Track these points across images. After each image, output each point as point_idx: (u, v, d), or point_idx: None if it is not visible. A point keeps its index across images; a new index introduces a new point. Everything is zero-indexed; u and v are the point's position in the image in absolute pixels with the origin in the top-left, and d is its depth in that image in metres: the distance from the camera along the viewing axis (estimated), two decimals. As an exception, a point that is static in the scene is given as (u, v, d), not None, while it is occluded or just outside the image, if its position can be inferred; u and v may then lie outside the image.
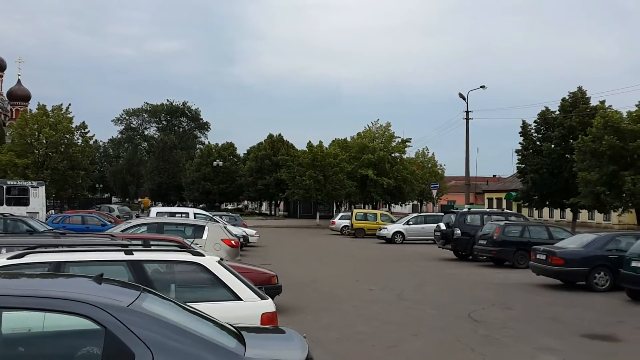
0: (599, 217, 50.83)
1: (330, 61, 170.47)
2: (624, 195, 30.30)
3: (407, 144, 55.81)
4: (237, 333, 4.15)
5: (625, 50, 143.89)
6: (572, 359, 8.44)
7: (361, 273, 18.73)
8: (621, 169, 30.41)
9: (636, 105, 31.99)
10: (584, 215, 48.15)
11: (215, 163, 64.58)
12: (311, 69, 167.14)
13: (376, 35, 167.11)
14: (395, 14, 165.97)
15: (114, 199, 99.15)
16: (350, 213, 41.11)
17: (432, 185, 53.08)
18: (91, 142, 55.60)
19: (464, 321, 11.01)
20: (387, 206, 60.30)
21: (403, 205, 63.76)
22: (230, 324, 4.33)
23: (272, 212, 72.26)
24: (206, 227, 14.77)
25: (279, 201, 69.88)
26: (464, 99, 42.53)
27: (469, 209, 29.70)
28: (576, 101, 39.29)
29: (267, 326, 5.63)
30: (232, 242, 15.11)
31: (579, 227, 39.31)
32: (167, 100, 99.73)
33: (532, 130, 41.14)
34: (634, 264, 13.59)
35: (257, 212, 78.43)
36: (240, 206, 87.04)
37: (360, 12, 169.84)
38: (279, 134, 66.52)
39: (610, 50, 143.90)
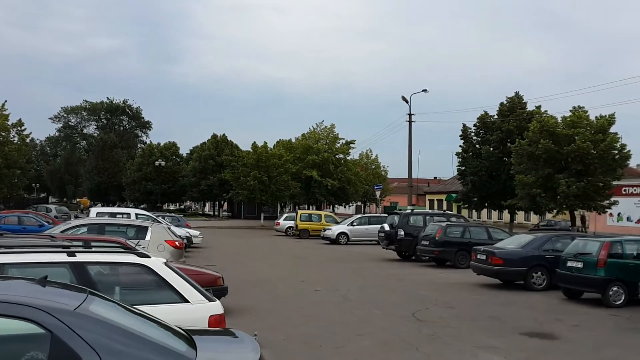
0: (534, 218, 52.61)
1: (274, 62, 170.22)
2: (559, 197, 31.38)
3: (351, 145, 56.27)
4: (187, 336, 4.08)
5: (558, 57, 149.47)
6: (511, 356, 8.68)
7: (306, 274, 18.76)
8: (556, 171, 31.50)
9: (570, 111, 33.21)
10: (520, 216, 49.69)
11: (157, 163, 63.36)
12: (255, 69, 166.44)
13: (318, 37, 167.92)
14: (336, 17, 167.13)
15: (51, 198, 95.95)
16: (294, 214, 41.12)
17: (375, 187, 53.67)
18: (28, 140, 53.47)
19: (409, 321, 11.19)
20: (331, 207, 60.63)
21: (347, 206, 64.24)
22: (179, 327, 4.25)
23: (216, 213, 71.48)
24: (149, 228, 14.48)
25: (222, 202, 69.20)
26: (406, 102, 43.21)
27: (412, 210, 30.21)
28: (514, 106, 40.55)
29: (218, 329, 5.55)
30: (176, 243, 14.86)
31: (515, 228, 40.55)
32: (107, 99, 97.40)
33: (472, 134, 42.18)
34: (569, 263, 14.13)
35: (201, 212, 77.42)
36: (182, 207, 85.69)
37: (300, 14, 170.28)
38: (223, 134, 65.88)
39: (545, 57, 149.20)
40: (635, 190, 42.16)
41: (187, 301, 6.08)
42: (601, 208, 32.82)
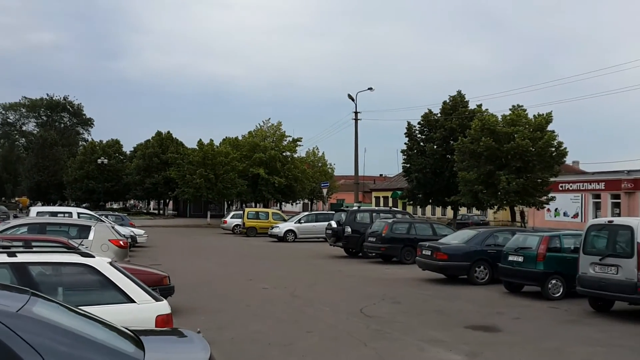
0: (476, 214, 53.94)
1: (218, 58, 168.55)
2: (499, 193, 32.29)
3: (298, 143, 56.33)
4: (135, 337, 4.00)
5: (498, 57, 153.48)
6: (457, 349, 8.89)
7: (254, 272, 18.68)
8: (497, 168, 32.39)
9: (510, 109, 34.19)
10: (463, 212, 50.83)
11: (99, 161, 61.85)
12: (198, 65, 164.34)
13: (264, 34, 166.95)
14: (281, 14, 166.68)
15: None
16: (241, 212, 40.89)
17: (322, 184, 53.87)
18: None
19: (356, 317, 11.30)
20: (279, 205, 60.53)
21: (294, 204, 64.27)
22: (126, 328, 4.17)
23: (161, 212, 70.30)
24: (92, 228, 14.13)
25: (168, 200, 68.10)
26: (352, 100, 43.59)
27: (359, 207, 30.46)
28: (456, 104, 41.47)
29: (166, 329, 5.48)
30: (121, 242, 14.56)
31: (459, 223, 41.49)
32: (47, 95, 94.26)
33: (417, 132, 42.92)
34: (510, 258, 14.56)
35: (145, 211, 75.99)
36: (126, 205, 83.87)
37: (245, 10, 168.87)
38: (168, 132, 64.86)
39: (485, 57, 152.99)
40: (571, 186, 43.82)
41: (133, 301, 5.98)
42: (539, 204, 33.94)
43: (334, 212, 31.56)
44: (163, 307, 6.09)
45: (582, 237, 12.57)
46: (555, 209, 43.37)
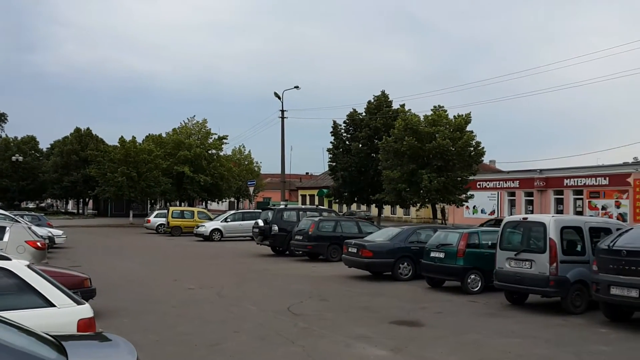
0: (400, 211, 55.23)
1: (141, 53, 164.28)
2: (422, 191, 33.21)
3: (224, 141, 55.82)
4: (57, 342, 3.89)
5: (420, 59, 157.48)
6: (382, 344, 9.10)
7: (179, 272, 18.37)
8: (419, 167, 33.28)
9: (431, 110, 35.19)
10: (387, 210, 51.93)
11: (14, 158, 58.97)
12: (120, 60, 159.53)
13: (189, 30, 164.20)
14: (207, 10, 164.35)
15: None
16: (165, 211, 40.07)
17: (248, 183, 53.61)
18: None
19: (284, 315, 11.35)
20: (204, 203, 59.73)
21: (220, 202, 63.62)
22: (47, 333, 4.04)
23: (80, 211, 67.87)
24: (8, 229, 13.49)
25: (87, 199, 65.82)
26: (279, 98, 43.60)
27: (286, 205, 30.52)
28: (380, 104, 42.29)
29: (89, 333, 5.33)
30: (38, 243, 13.97)
31: (383, 221, 42.34)
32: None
33: (342, 130, 43.45)
34: (432, 254, 15.02)
35: (63, 211, 73.15)
36: (43, 205, 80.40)
37: (169, 5, 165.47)
38: (87, 128, 62.79)
39: (408, 58, 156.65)
40: (488, 184, 45.64)
41: (53, 305, 5.78)
42: (459, 201, 35.15)
43: (260, 210, 31.49)
44: (85, 310, 5.92)
45: (499, 233, 13.13)
46: (474, 207, 45.05)
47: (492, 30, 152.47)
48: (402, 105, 41.40)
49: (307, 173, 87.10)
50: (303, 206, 39.46)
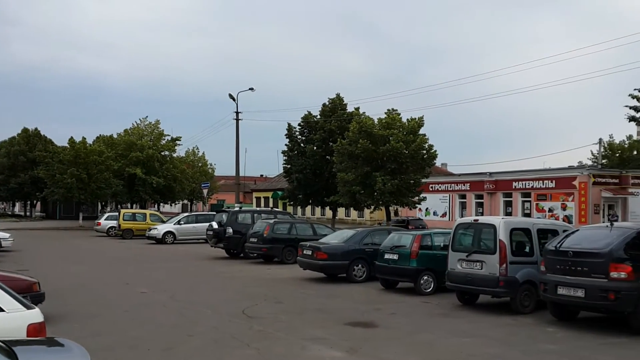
0: (354, 214, 55.64)
1: (91, 52, 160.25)
2: (376, 194, 33.51)
3: (177, 142, 55.02)
4: (7, 348, 3.80)
5: (374, 63, 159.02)
6: (337, 346, 9.17)
7: (131, 276, 18.07)
8: (373, 170, 33.58)
9: (385, 113, 35.58)
10: (341, 212, 52.24)
11: (-43, 159, 56.83)
12: (70, 59, 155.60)
13: (142, 29, 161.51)
14: (161, 9, 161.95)
15: None
16: (117, 213, 39.28)
17: (202, 185, 53.08)
18: None
19: (239, 318, 11.31)
20: (157, 206, 58.81)
21: (173, 204, 62.74)
22: (-3, 339, 3.94)
23: (28, 214, 65.87)
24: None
25: (35, 201, 63.94)
26: (233, 99, 43.41)
27: (240, 208, 30.35)
28: (335, 107, 42.52)
29: (40, 338, 5.21)
30: (-17, 248, 13.52)
31: (337, 223, 42.57)
32: None
33: (297, 133, 43.48)
34: (386, 256, 15.19)
35: (10, 213, 70.91)
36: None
37: (121, 4, 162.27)
38: (36, 128, 60.89)
39: (363, 62, 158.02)
40: (440, 187, 46.46)
41: (1, 310, 5.65)
42: (412, 203, 35.64)
43: (214, 212, 31.20)
44: (34, 315, 5.79)
45: (451, 235, 13.40)
46: (426, 209, 45.78)
47: (442, 36, 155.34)
48: (357, 109, 41.73)
49: (261, 175, 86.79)
50: (258, 208, 39.34)
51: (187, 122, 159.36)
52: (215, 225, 24.95)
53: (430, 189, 44.53)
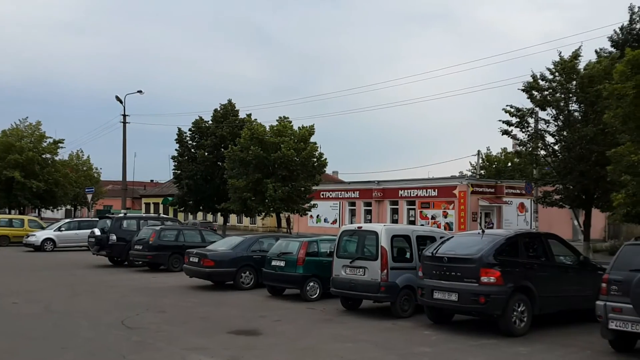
0: (245, 220, 55.39)
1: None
2: (267, 200, 33.58)
3: (60, 145, 52.23)
4: None
5: (266, 70, 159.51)
6: (218, 355, 9.08)
7: (3, 286, 16.92)
8: (264, 177, 33.63)
9: (277, 120, 35.78)
10: (232, 219, 51.83)
11: None
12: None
13: (19, 27, 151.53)
14: (41, 7, 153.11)
15: None
16: (-9, 219, 36.64)
17: (87, 190, 50.83)
18: None
19: (117, 329, 10.92)
20: (37, 211, 55.53)
21: (55, 210, 59.44)
22: None
23: None
24: None
25: None
26: (121, 102, 41.97)
27: (125, 214, 29.37)
28: (227, 113, 42.23)
29: None
30: None
31: (229, 230, 42.20)
32: None
33: (188, 138, 42.69)
34: (273, 262, 15.26)
35: None
36: None
37: (8, 4, 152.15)
38: None
39: (255, 68, 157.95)
40: (330, 194, 47.28)
41: None
42: (303, 210, 36.04)
43: (99, 219, 29.96)
44: None
45: (336, 242, 13.69)
46: (317, 216, 46.43)
47: (335, 49, 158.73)
48: (249, 115, 41.60)
49: (152, 180, 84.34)
50: (144, 215, 38.16)
51: (72, 124, 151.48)
52: (97, 231, 23.97)
53: (322, 196, 45.22)
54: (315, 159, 34.56)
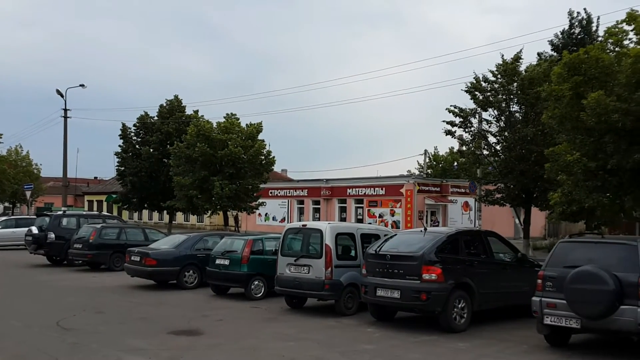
0: (193, 218, 54.60)
1: None
2: (214, 198, 33.12)
3: (-3, 140, 50.36)
4: None
5: (215, 66, 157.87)
6: (157, 356, 8.86)
7: None
8: (211, 174, 33.16)
9: (224, 117, 35.35)
10: (179, 217, 51.03)
11: None
12: None
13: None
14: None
15: None
16: None
17: (25, 186, 49.12)
18: None
19: (52, 331, 10.54)
20: (-29, 209, 53.34)
21: (-9, 207, 57.29)
22: None
23: None
24: None
25: None
26: (62, 96, 40.71)
27: (65, 211, 28.50)
28: (173, 109, 41.45)
29: None
30: None
31: (175, 228, 41.48)
32: None
33: (132, 134, 41.74)
34: (217, 261, 15.05)
35: None
36: None
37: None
38: None
39: (203, 65, 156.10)
40: (279, 192, 47.11)
41: None
42: (250, 209, 35.74)
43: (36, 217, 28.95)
44: None
45: (280, 240, 13.60)
46: (266, 214, 46.21)
47: (286, 46, 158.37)
48: (196, 112, 40.90)
49: (95, 177, 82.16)
50: (84, 212, 37.11)
51: (10, 119, 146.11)
52: (35, 230, 23.17)
53: (270, 195, 45.01)
54: (263, 157, 34.29)
